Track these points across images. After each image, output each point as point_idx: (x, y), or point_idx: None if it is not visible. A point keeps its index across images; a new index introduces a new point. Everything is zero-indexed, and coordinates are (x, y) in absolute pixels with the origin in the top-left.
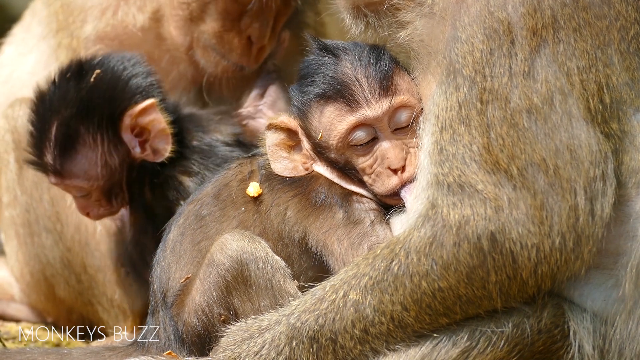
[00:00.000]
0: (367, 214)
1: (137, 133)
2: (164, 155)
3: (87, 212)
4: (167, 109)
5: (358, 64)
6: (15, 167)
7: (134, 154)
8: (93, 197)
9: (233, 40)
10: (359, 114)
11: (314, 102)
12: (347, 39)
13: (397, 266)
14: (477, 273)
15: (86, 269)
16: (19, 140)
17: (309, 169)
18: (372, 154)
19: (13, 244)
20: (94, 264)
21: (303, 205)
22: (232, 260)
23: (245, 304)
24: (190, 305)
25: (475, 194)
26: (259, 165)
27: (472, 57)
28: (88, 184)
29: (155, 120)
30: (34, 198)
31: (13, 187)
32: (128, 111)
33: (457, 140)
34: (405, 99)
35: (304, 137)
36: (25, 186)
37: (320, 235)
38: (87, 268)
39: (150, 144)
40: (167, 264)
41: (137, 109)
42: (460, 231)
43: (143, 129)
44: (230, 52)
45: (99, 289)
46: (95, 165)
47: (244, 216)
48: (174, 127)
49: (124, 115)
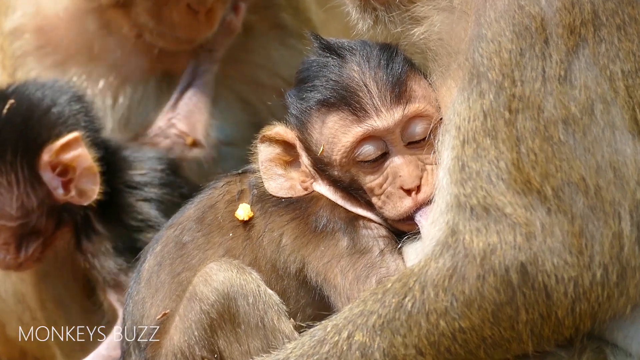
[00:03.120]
0: (375, 242)
1: (59, 172)
2: (91, 197)
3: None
4: (96, 143)
5: (366, 67)
6: None
7: (57, 196)
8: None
9: (172, 15)
10: (366, 125)
11: (314, 110)
12: (353, 36)
13: (411, 303)
14: (504, 311)
15: (44, 303)
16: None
17: (309, 189)
18: (382, 171)
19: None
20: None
21: (301, 231)
22: (218, 294)
23: (232, 345)
24: (168, 347)
25: (503, 219)
26: (250, 184)
27: (500, 58)
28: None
29: (81, 156)
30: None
31: None
32: (47, 146)
33: (482, 156)
34: (421, 108)
35: (303, 151)
36: None
37: (321, 267)
38: (45, 302)
39: (75, 184)
40: (141, 298)
41: (58, 144)
42: (485, 262)
43: (66, 167)
44: (174, 28)
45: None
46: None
47: (232, 243)
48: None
49: (42, 151)
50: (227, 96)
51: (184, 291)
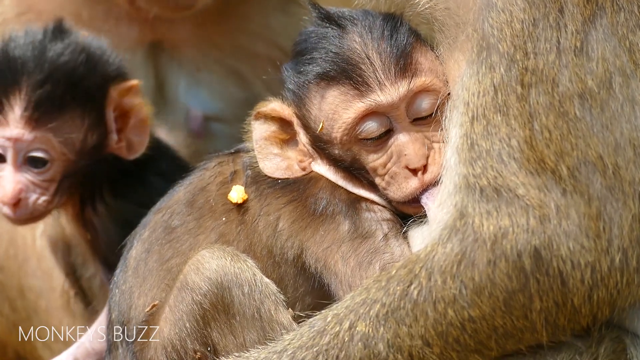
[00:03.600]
0: (379, 226)
1: (117, 116)
2: (138, 151)
3: (18, 197)
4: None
5: (369, 38)
6: None
7: (110, 142)
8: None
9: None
10: (369, 100)
11: (313, 84)
12: (354, 6)
13: (417, 290)
14: (517, 299)
15: (24, 293)
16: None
17: (307, 169)
18: (386, 150)
19: None
20: (34, 287)
21: (299, 214)
22: (211, 283)
23: (226, 337)
24: (158, 339)
25: (515, 200)
26: (243, 164)
27: (511, 29)
28: (60, 149)
29: (139, 106)
30: None
31: None
32: (114, 84)
33: (492, 133)
34: (428, 82)
35: (301, 128)
36: None
37: (321, 253)
38: (24, 292)
39: (127, 133)
40: (128, 287)
41: (124, 85)
42: (496, 246)
43: (124, 114)
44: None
45: (40, 318)
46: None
47: (225, 228)
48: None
49: (110, 88)
50: (216, 68)
51: (174, 280)
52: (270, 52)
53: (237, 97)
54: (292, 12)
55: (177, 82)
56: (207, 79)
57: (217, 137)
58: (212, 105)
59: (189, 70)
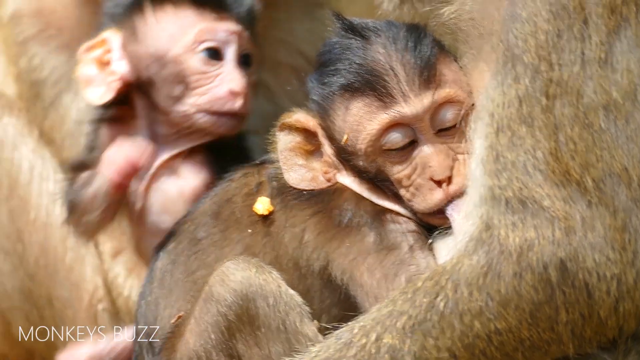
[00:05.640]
0: (404, 237)
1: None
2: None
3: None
4: None
5: (393, 49)
6: None
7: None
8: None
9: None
10: (393, 111)
11: (337, 95)
12: (378, 16)
13: (444, 302)
14: (543, 311)
15: (52, 301)
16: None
17: (332, 180)
18: (411, 161)
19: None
20: (62, 297)
21: (324, 226)
22: (236, 294)
23: (251, 349)
24: (183, 351)
25: (541, 212)
26: (268, 175)
27: (535, 40)
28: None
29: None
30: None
31: None
32: None
33: (518, 145)
34: (452, 93)
35: (326, 139)
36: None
37: (347, 264)
38: (53, 301)
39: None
40: (154, 299)
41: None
42: (522, 258)
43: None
44: None
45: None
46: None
47: (251, 240)
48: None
49: None
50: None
51: (200, 291)
52: (294, 60)
53: (264, 108)
54: (318, 17)
55: None
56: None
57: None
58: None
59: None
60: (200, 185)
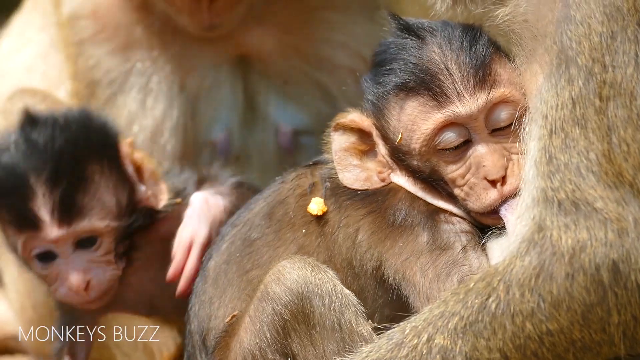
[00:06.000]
0: (457, 238)
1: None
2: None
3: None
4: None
5: (448, 49)
6: None
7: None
8: (102, 249)
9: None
10: (448, 111)
11: (392, 95)
12: (432, 16)
13: (495, 303)
14: (595, 312)
15: None
16: None
17: (386, 180)
18: (465, 160)
19: (11, 271)
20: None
21: (378, 225)
22: (291, 293)
23: (306, 348)
24: (238, 350)
25: (593, 214)
26: (322, 176)
27: (589, 42)
28: (103, 223)
29: (144, 158)
30: None
31: None
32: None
33: (571, 147)
34: (507, 93)
35: (380, 139)
36: None
37: (399, 264)
38: None
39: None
40: (207, 298)
41: (127, 141)
42: (575, 260)
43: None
44: (179, 13)
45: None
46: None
47: (305, 240)
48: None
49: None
50: (302, 81)
51: (254, 290)
52: (352, 63)
53: (322, 110)
54: (377, 20)
55: (267, 97)
56: (294, 92)
57: (306, 151)
58: (301, 119)
59: (277, 83)
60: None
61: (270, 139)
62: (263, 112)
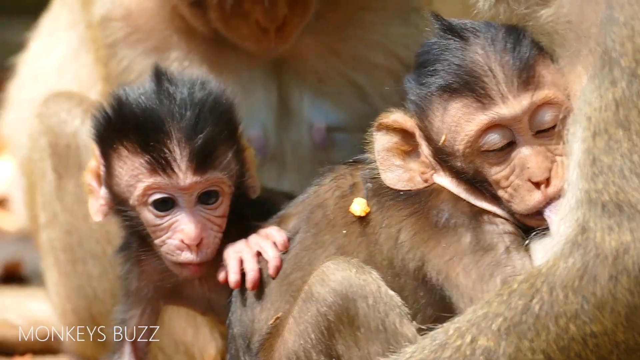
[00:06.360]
0: (501, 239)
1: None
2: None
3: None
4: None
5: (491, 50)
6: (53, 178)
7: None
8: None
9: (241, 28)
10: (492, 113)
11: (435, 96)
12: (474, 17)
13: (539, 305)
14: (638, 314)
15: None
16: (56, 144)
17: (429, 181)
18: (509, 162)
19: (53, 274)
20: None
21: (421, 226)
22: (336, 294)
23: (351, 349)
24: (282, 351)
25: (637, 216)
26: (363, 176)
27: (632, 44)
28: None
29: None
30: (76, 216)
31: (51, 203)
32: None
33: (614, 149)
34: (550, 95)
35: (423, 140)
36: (66, 201)
37: (442, 265)
38: None
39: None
40: (250, 303)
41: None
42: (618, 262)
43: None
44: (243, 40)
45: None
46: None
47: (345, 240)
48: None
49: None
50: (337, 79)
51: (296, 291)
52: (388, 62)
53: (357, 108)
54: (412, 21)
55: (301, 94)
56: (329, 90)
57: (340, 148)
58: (335, 116)
59: (311, 81)
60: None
61: (304, 136)
62: (297, 110)
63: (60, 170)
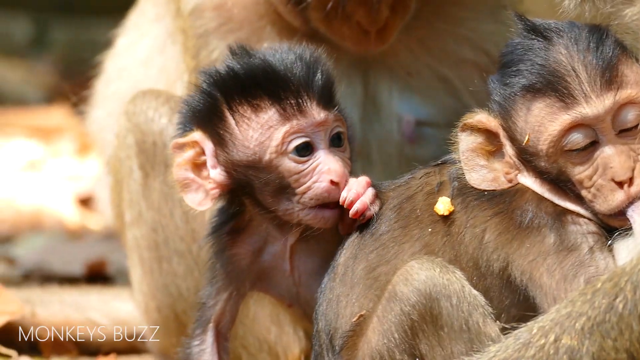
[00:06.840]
0: (584, 239)
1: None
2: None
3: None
4: None
5: (575, 50)
6: (139, 176)
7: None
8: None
9: (342, 29)
10: (575, 113)
11: (519, 96)
12: (558, 16)
13: (623, 304)
14: None
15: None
16: (143, 141)
17: (513, 181)
18: (592, 162)
19: (137, 272)
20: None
21: (505, 226)
22: (419, 294)
23: (434, 349)
24: (365, 350)
25: None
26: (450, 175)
27: None
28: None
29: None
30: (162, 214)
31: (137, 201)
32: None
33: None
34: (634, 94)
35: (507, 140)
36: (152, 199)
37: (526, 265)
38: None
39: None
40: (335, 296)
41: None
42: None
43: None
44: (343, 40)
45: (247, 327)
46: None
47: (431, 238)
48: None
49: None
50: (426, 73)
51: (380, 288)
52: (477, 58)
53: (445, 102)
54: (501, 19)
55: (390, 89)
56: (418, 83)
57: (429, 142)
58: (424, 110)
59: (400, 75)
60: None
61: (392, 130)
62: (385, 104)
63: (146, 168)
